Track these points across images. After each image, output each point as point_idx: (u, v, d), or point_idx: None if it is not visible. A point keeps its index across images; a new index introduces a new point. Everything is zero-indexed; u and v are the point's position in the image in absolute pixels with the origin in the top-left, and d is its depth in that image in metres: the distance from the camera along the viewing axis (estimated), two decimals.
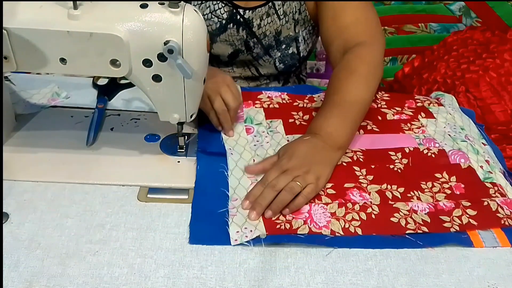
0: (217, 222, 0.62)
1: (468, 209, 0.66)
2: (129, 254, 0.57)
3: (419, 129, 0.80)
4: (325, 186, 0.67)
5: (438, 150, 0.75)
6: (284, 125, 0.80)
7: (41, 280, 0.54)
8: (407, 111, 0.85)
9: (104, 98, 0.82)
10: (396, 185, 0.69)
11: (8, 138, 0.73)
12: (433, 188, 0.69)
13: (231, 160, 0.72)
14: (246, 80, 1.01)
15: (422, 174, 0.71)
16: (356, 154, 0.74)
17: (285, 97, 0.88)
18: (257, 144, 0.76)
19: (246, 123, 0.81)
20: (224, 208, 0.64)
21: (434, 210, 0.66)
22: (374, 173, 0.71)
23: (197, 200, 0.65)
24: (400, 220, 0.64)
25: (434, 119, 0.83)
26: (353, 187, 0.68)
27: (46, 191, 0.65)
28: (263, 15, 0.92)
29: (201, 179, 0.68)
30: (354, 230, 0.62)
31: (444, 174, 0.71)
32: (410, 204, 0.66)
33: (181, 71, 0.59)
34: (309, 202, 0.65)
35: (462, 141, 0.78)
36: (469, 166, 0.73)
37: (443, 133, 0.80)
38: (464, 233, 0.63)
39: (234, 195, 0.66)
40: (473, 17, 1.53)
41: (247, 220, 0.63)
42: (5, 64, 0.60)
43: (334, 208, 0.65)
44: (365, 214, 0.64)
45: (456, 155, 0.75)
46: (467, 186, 0.70)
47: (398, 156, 0.74)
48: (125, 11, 0.59)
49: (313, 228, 0.62)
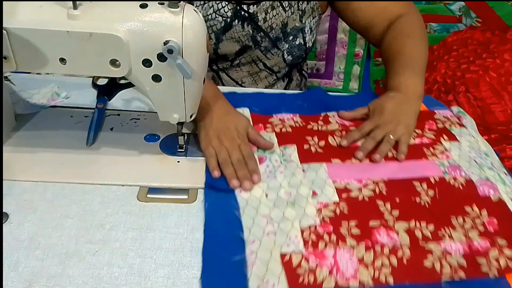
0: (234, 273, 0.55)
1: (505, 249, 0.60)
2: (129, 254, 0.57)
3: (443, 154, 0.75)
4: (349, 225, 0.62)
5: (465, 180, 0.70)
6: (299, 152, 0.74)
7: (41, 280, 0.54)
8: (428, 133, 0.80)
9: (104, 98, 0.82)
10: (425, 222, 0.63)
11: (8, 138, 0.73)
12: (465, 224, 0.63)
13: (240, 198, 0.65)
14: (252, 76, 1.01)
15: (451, 208, 0.65)
16: (378, 186, 0.69)
17: (297, 119, 0.82)
18: (270, 175, 0.69)
19: (258, 152, 0.74)
20: (241, 255, 0.57)
21: (469, 251, 0.59)
22: (399, 208, 0.65)
23: (208, 244, 0.58)
24: (435, 264, 0.57)
25: (458, 142, 0.78)
26: (379, 225, 0.62)
27: (46, 191, 0.65)
28: (267, 8, 0.92)
29: (211, 220, 0.62)
30: (385, 279, 0.55)
31: (474, 208, 0.66)
32: (442, 244, 0.60)
33: (181, 71, 0.59)
34: (334, 245, 0.59)
35: (489, 169, 0.72)
36: (500, 198, 0.67)
37: (468, 159, 0.74)
38: (503, 278, 0.57)
39: (250, 236, 0.60)
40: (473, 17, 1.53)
41: (268, 268, 0.56)
42: (5, 64, 0.60)
43: (361, 253, 0.58)
44: (396, 259, 0.58)
45: (485, 186, 0.69)
46: (500, 222, 0.64)
47: (423, 187, 0.69)
48: (125, 11, 0.59)
49: (340, 280, 0.55)
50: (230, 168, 0.68)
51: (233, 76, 1.00)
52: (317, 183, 0.68)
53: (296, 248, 0.58)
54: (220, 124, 0.72)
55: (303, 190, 0.67)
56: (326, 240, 0.60)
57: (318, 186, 0.68)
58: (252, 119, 0.80)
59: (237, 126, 0.73)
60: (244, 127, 0.74)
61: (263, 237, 0.60)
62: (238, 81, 1.01)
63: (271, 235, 0.60)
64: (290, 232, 0.60)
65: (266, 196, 0.66)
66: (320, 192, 0.67)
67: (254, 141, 0.73)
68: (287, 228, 0.61)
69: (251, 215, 0.63)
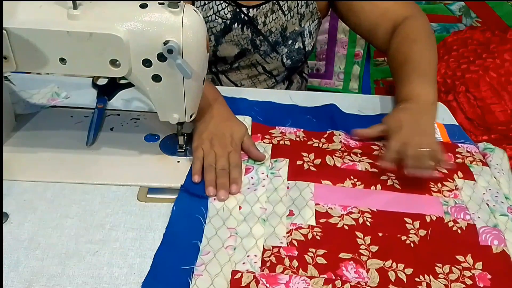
0: (177, 282, 0.53)
1: None
2: (129, 254, 0.57)
3: (451, 193, 0.67)
4: (316, 253, 0.57)
5: (467, 224, 0.62)
6: (290, 168, 0.69)
7: (41, 280, 0.54)
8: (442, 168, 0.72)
9: (104, 98, 0.82)
10: (404, 264, 0.56)
11: (8, 138, 0.73)
12: (450, 275, 0.56)
13: (212, 207, 0.62)
14: (252, 79, 1.01)
15: (441, 254, 0.58)
16: (363, 216, 0.62)
17: (300, 134, 0.76)
18: (251, 187, 0.66)
19: (248, 162, 0.71)
20: (190, 265, 0.54)
21: None
22: (380, 243, 0.59)
23: (162, 252, 0.56)
24: None
25: (474, 181, 0.69)
26: (349, 258, 0.56)
27: (46, 191, 0.65)
28: (267, 12, 0.92)
29: (173, 224, 0.60)
30: None
31: (468, 258, 0.58)
32: None
33: (180, 71, 0.59)
34: (292, 272, 0.54)
35: (502, 215, 0.64)
36: (503, 250, 0.59)
37: (480, 202, 0.66)
38: None
39: (206, 247, 0.57)
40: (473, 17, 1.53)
41: (213, 283, 0.53)
42: (5, 64, 0.60)
43: (318, 285, 0.53)
44: None
45: (489, 234, 0.61)
46: (494, 278, 0.56)
47: (415, 225, 0.62)
48: (125, 11, 0.59)
49: None
50: (211, 174, 0.66)
51: (232, 78, 1.00)
52: (297, 202, 0.64)
53: (251, 268, 0.55)
54: (216, 129, 0.72)
55: (280, 208, 0.63)
56: (286, 264, 0.56)
57: (297, 206, 0.64)
58: (252, 128, 0.77)
59: (233, 133, 0.72)
60: (240, 135, 0.72)
61: (220, 250, 0.57)
62: (237, 83, 1.01)
63: (229, 249, 0.57)
64: (251, 250, 0.57)
65: (240, 208, 0.63)
66: (297, 213, 0.63)
67: (247, 151, 0.72)
68: (250, 245, 0.58)
69: (215, 226, 0.60)
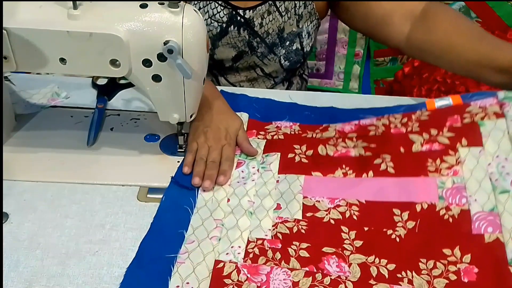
0: (159, 270, 0.54)
1: None
2: (129, 254, 0.57)
3: (450, 170, 0.62)
4: (299, 246, 0.57)
5: (460, 211, 0.58)
6: (281, 161, 0.69)
7: (41, 280, 0.54)
8: (445, 135, 0.65)
9: (104, 98, 0.82)
10: (387, 260, 0.55)
11: (8, 138, 0.73)
12: (434, 271, 0.54)
13: (200, 198, 0.63)
14: (251, 81, 1.00)
15: (427, 247, 0.56)
16: (351, 209, 0.61)
17: (296, 127, 0.75)
18: (241, 181, 0.66)
19: (240, 157, 0.71)
20: (174, 253, 0.55)
21: None
22: (364, 239, 0.58)
23: (147, 240, 0.58)
24: None
25: (481, 147, 0.62)
26: (332, 253, 0.56)
27: (46, 191, 0.65)
28: (264, 14, 0.91)
29: (160, 216, 0.61)
30: None
31: (455, 251, 0.55)
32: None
33: (180, 71, 0.59)
34: (274, 264, 0.55)
35: (503, 192, 0.58)
36: (497, 238, 0.55)
37: (482, 176, 0.60)
38: None
39: (191, 236, 0.58)
40: (473, 17, 1.52)
41: (194, 271, 0.54)
42: (5, 64, 0.60)
43: (299, 277, 0.53)
44: None
45: (483, 221, 0.57)
46: (481, 271, 0.53)
47: (403, 216, 0.60)
48: (125, 11, 0.59)
49: None
50: (201, 167, 0.67)
51: (231, 80, 1.00)
52: (286, 196, 0.64)
53: (234, 258, 0.56)
54: (212, 122, 0.72)
55: (268, 201, 0.64)
56: (269, 256, 0.56)
57: (285, 200, 0.64)
58: (248, 124, 0.77)
59: (228, 127, 0.73)
60: (235, 129, 0.73)
61: (204, 240, 0.58)
62: (236, 85, 1.01)
63: (214, 240, 0.58)
64: (235, 241, 0.58)
65: (228, 201, 0.64)
66: (284, 206, 0.63)
67: (239, 145, 0.73)
68: (234, 237, 0.59)
69: (202, 217, 0.61)
